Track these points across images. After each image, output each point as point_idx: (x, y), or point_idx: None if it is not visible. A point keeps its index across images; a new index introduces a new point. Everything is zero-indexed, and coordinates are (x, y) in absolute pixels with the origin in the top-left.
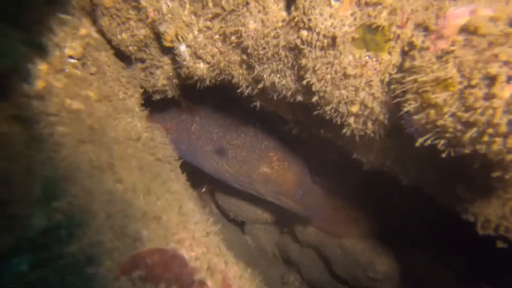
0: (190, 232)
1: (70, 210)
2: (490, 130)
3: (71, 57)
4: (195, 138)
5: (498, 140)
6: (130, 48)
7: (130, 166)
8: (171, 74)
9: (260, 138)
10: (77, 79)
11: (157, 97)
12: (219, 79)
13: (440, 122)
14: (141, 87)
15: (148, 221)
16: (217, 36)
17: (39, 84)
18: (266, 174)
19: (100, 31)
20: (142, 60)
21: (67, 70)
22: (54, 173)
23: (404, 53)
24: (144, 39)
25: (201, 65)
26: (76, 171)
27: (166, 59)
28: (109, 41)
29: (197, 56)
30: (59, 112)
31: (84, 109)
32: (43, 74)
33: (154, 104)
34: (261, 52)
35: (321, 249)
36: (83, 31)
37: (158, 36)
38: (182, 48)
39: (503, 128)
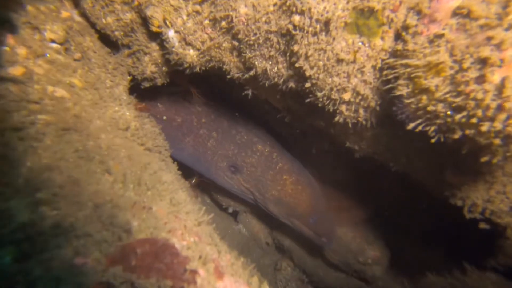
0: (182, 222)
1: (55, 201)
2: (479, 114)
3: (52, 41)
4: (210, 153)
5: (487, 124)
6: (116, 33)
7: (119, 156)
8: (160, 61)
9: (275, 159)
10: (60, 65)
11: (146, 84)
12: (209, 65)
13: (431, 108)
14: (129, 74)
15: (138, 212)
16: (207, 22)
17: (18, 70)
18: (279, 197)
19: (83, 15)
20: (129, 46)
21: (48, 55)
22: (38, 163)
23: (397, 38)
24: (130, 23)
25: (191, 51)
26: (61, 161)
27: (154, 45)
28: (93, 25)
29: (186, 43)
30: (41, 99)
31: (69, 97)
32: (21, 59)
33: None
34: (252, 38)
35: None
36: (64, 14)
37: (145, 21)
38: (171, 33)
39: (491, 112)
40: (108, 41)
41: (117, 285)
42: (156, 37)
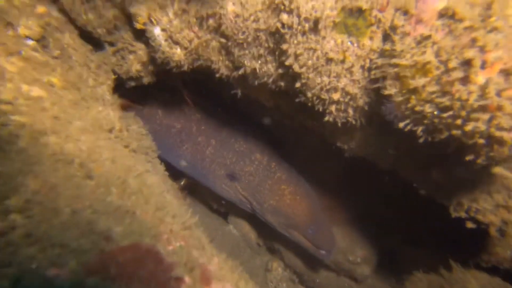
0: (168, 226)
1: (27, 208)
2: (463, 114)
3: (27, 38)
4: (208, 161)
5: (471, 124)
6: (99, 30)
7: (101, 158)
8: (145, 59)
9: (274, 168)
10: (36, 63)
11: (131, 84)
12: (197, 64)
13: (418, 108)
14: (114, 73)
15: (121, 217)
16: (193, 19)
17: None
18: (277, 207)
19: (62, 10)
20: (113, 44)
21: (23, 53)
22: (9, 167)
23: (385, 38)
24: (113, 20)
25: (178, 50)
26: (36, 165)
27: (139, 44)
28: (73, 22)
29: (173, 41)
30: (15, 99)
31: (47, 97)
32: None
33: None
34: (241, 36)
35: None
36: (40, 9)
37: (129, 18)
38: (157, 31)
39: (475, 113)
40: (90, 38)
41: None
42: (142, 34)
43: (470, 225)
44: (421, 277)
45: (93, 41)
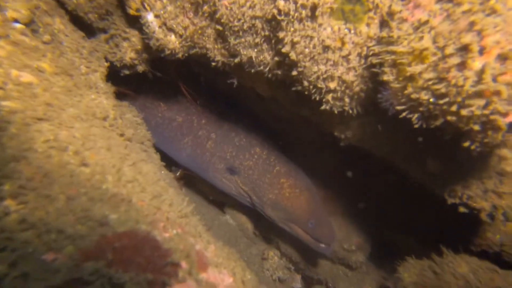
0: (164, 214)
1: (21, 194)
2: (459, 100)
3: (15, 21)
4: (208, 155)
5: (467, 110)
6: (90, 15)
7: (96, 146)
8: (139, 47)
9: (273, 162)
10: (25, 47)
11: (125, 72)
12: (192, 52)
13: (414, 95)
14: (107, 61)
15: (117, 204)
16: (188, 5)
17: None
18: (276, 200)
19: None
20: (105, 30)
21: (11, 36)
22: (1, 153)
23: (383, 25)
24: (105, 5)
25: (173, 37)
26: (29, 151)
27: (133, 30)
28: (63, 6)
29: (167, 28)
30: (4, 84)
31: (37, 83)
32: None
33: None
34: (237, 24)
35: None
36: None
37: (121, 3)
38: (150, 17)
39: (471, 99)
40: (81, 24)
41: (92, 281)
42: (135, 21)
43: (462, 209)
44: (413, 263)
45: (85, 28)
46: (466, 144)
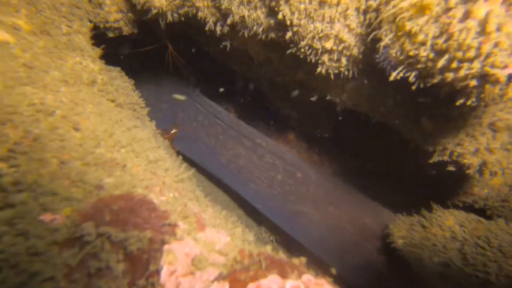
0: (160, 178)
1: (12, 157)
2: (459, 55)
3: None
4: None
5: (466, 65)
6: None
7: (86, 111)
8: (124, 5)
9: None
10: None
11: (110, 34)
12: (181, 11)
13: (413, 52)
14: (90, 21)
15: (112, 168)
16: None
17: None
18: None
19: None
20: None
21: None
22: None
23: None
24: None
25: None
26: (14, 115)
27: None
28: None
29: None
30: None
31: (14, 42)
32: None
33: None
34: None
35: None
36: None
37: None
38: None
39: (472, 52)
40: None
41: (91, 240)
42: None
43: (451, 168)
44: (403, 219)
45: None
46: (460, 101)
